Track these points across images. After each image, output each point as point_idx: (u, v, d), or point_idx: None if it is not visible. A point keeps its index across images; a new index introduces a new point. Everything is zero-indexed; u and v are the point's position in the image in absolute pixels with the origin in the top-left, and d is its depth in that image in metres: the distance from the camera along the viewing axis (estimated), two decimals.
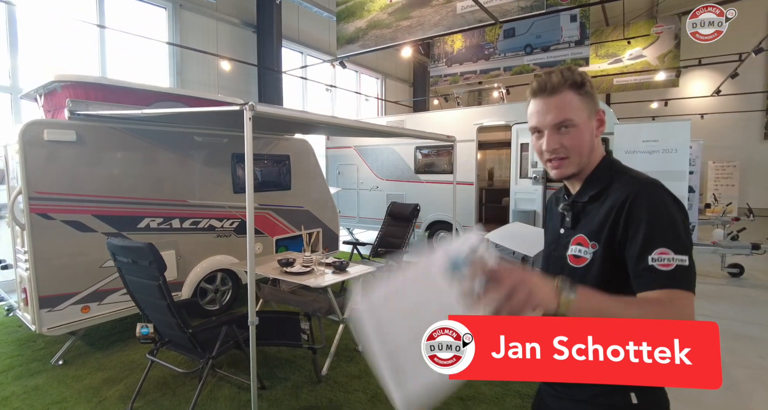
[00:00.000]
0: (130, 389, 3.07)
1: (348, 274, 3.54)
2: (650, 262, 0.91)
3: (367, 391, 3.05)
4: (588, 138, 1.08)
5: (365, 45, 8.03)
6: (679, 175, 5.30)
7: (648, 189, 0.99)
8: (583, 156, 1.09)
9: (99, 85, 3.86)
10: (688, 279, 0.90)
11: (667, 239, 0.92)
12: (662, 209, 0.95)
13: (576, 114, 1.06)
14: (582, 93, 1.06)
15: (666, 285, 0.90)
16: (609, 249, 1.01)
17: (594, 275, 1.04)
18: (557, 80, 1.05)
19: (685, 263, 0.90)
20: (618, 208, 0.99)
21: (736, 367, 3.47)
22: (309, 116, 2.48)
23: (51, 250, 3.37)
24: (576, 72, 1.07)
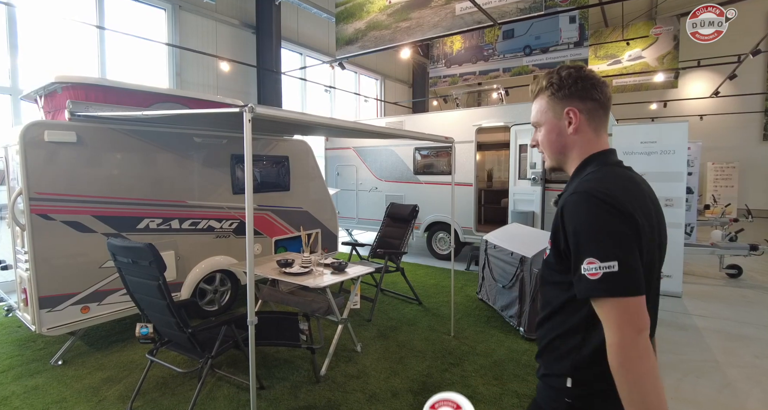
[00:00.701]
0: (129, 389, 3.08)
1: (347, 275, 3.55)
2: (582, 271, 0.97)
3: (365, 391, 3.07)
4: (556, 137, 1.17)
5: (364, 46, 8.05)
6: (676, 176, 5.31)
7: (575, 198, 1.02)
8: (555, 153, 1.20)
9: (99, 87, 3.87)
10: (617, 282, 0.93)
11: (592, 249, 0.96)
12: (583, 219, 0.99)
13: (543, 116, 1.19)
14: (548, 95, 1.16)
15: (594, 294, 0.96)
16: (556, 249, 1.09)
17: (550, 270, 1.14)
18: (533, 87, 1.21)
19: (613, 269, 0.93)
20: (556, 216, 1.08)
21: (732, 367, 3.49)
22: (308, 117, 2.50)
23: (51, 250, 3.38)
24: (546, 77, 1.17)
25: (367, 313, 4.58)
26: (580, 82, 1.12)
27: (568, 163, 1.19)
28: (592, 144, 1.15)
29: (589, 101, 1.12)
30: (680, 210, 5.35)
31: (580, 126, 1.13)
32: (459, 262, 6.97)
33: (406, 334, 4.12)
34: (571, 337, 1.09)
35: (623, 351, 0.92)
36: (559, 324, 1.12)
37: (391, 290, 5.50)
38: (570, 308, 1.09)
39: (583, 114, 1.13)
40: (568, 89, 1.13)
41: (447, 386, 3.15)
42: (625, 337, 0.92)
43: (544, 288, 1.20)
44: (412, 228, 5.44)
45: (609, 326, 0.94)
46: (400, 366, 3.47)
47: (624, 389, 0.92)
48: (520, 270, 4.11)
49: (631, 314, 0.93)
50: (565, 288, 1.08)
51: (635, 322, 0.92)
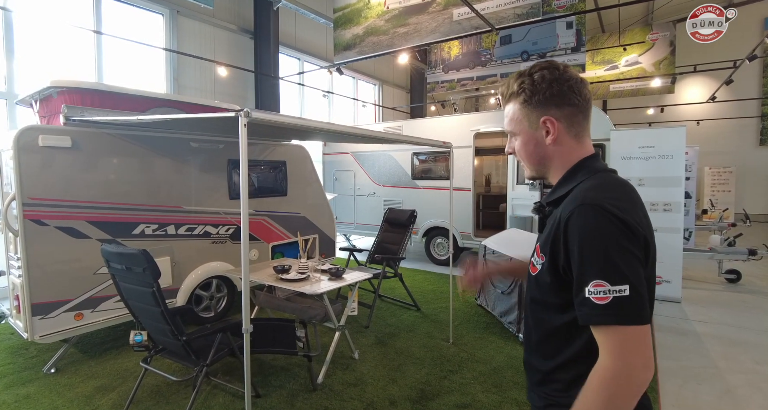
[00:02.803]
0: (123, 397, 3.03)
1: (344, 281, 3.51)
2: (587, 294, 0.86)
3: (363, 399, 3.02)
4: (533, 148, 1.07)
5: (362, 51, 8.06)
6: (675, 181, 5.31)
7: (582, 210, 0.91)
8: (534, 164, 1.10)
9: (95, 91, 3.85)
10: (627, 309, 0.84)
11: (601, 270, 0.85)
12: (594, 235, 0.87)
13: (516, 125, 1.09)
14: (521, 102, 1.05)
15: (602, 321, 0.86)
16: (552, 265, 0.97)
17: (541, 286, 1.02)
18: (503, 90, 1.10)
19: (623, 294, 0.84)
20: (556, 227, 0.95)
21: (732, 373, 3.46)
22: (304, 122, 2.47)
23: (44, 256, 3.34)
24: (518, 81, 1.05)
25: (364, 319, 4.54)
26: (556, 86, 1.00)
27: (549, 173, 1.10)
28: (575, 152, 1.05)
29: (566, 107, 1.01)
30: (679, 215, 5.34)
31: (559, 136, 1.03)
32: (457, 267, 6.93)
33: (405, 341, 4.08)
34: (575, 366, 0.98)
35: (621, 381, 0.83)
36: (555, 351, 1.02)
37: (389, 296, 5.46)
38: (568, 332, 0.98)
39: (561, 122, 1.02)
40: (542, 95, 1.01)
41: (446, 394, 3.11)
42: (630, 367, 0.83)
43: (534, 307, 1.06)
44: (410, 233, 5.41)
45: (613, 354, 0.84)
46: (398, 373, 3.43)
47: (591, 406, 0.85)
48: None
49: (639, 344, 0.84)
50: (561, 309, 0.98)
51: (643, 354, 0.84)
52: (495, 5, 6.93)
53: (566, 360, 1.00)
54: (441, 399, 3.04)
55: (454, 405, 2.96)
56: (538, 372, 1.08)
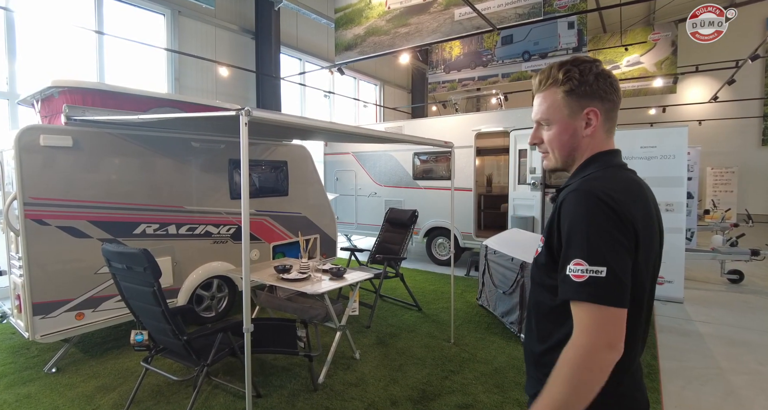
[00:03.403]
0: (123, 397, 3.03)
1: (345, 281, 3.51)
2: (567, 272, 0.92)
3: (364, 399, 3.01)
4: (568, 138, 1.07)
5: (363, 51, 8.06)
6: (677, 181, 5.29)
7: (575, 195, 0.96)
8: (563, 154, 1.10)
9: (96, 91, 3.85)
10: (603, 291, 0.87)
11: (582, 250, 0.90)
12: (580, 218, 0.93)
13: (554, 113, 1.07)
14: (565, 91, 1.04)
15: (575, 297, 0.90)
16: (548, 247, 1.03)
17: (539, 267, 1.08)
18: (542, 78, 1.08)
19: (600, 275, 0.88)
20: (554, 210, 1.02)
21: (735, 373, 3.44)
22: (305, 121, 2.47)
23: (45, 256, 3.34)
24: (563, 68, 1.04)
25: (365, 320, 4.53)
26: (602, 80, 1.02)
27: (575, 164, 1.11)
28: (603, 146, 1.08)
29: (607, 102, 1.04)
30: (681, 215, 5.32)
31: (597, 128, 1.05)
32: (458, 268, 6.92)
33: (406, 341, 4.07)
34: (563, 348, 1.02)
35: (584, 357, 0.87)
36: (549, 333, 1.05)
37: (390, 296, 5.45)
38: (560, 314, 1.01)
39: (601, 115, 1.04)
40: (589, 86, 1.02)
41: (447, 394, 3.10)
42: (593, 346, 0.87)
43: (534, 290, 1.13)
44: (411, 233, 5.40)
45: (581, 330, 0.89)
46: (399, 373, 3.42)
47: (556, 386, 0.89)
48: (520, 276, 4.07)
49: (608, 324, 0.87)
50: (554, 291, 1.01)
51: (609, 334, 0.87)
52: (496, 5, 6.92)
53: (557, 342, 1.02)
54: (442, 399, 3.03)
55: (455, 405, 2.95)
56: (532, 355, 1.12)
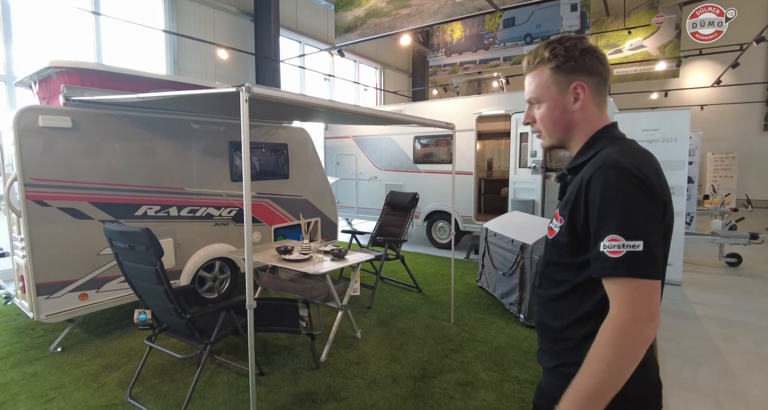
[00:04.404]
0: (128, 375, 3.07)
1: (346, 261, 3.53)
2: (602, 248, 0.91)
3: (365, 377, 3.06)
4: (559, 114, 1.09)
5: (364, 34, 7.96)
6: (678, 164, 5.28)
7: (603, 170, 0.94)
8: (555, 132, 1.12)
9: (94, 72, 3.81)
10: (641, 265, 0.88)
11: (618, 225, 0.89)
12: (613, 193, 0.91)
13: (543, 91, 1.09)
14: (552, 68, 1.07)
15: (613, 273, 0.90)
16: (571, 226, 1.01)
17: (558, 247, 1.07)
18: (530, 58, 1.11)
19: (637, 249, 0.87)
20: (578, 187, 0.99)
21: (732, 354, 3.49)
22: (306, 99, 2.45)
23: (48, 237, 3.35)
24: (549, 46, 1.07)
25: (366, 300, 4.57)
26: (587, 55, 1.04)
27: (571, 141, 1.12)
28: (597, 120, 1.09)
29: (595, 76, 1.06)
30: (681, 199, 5.32)
31: (586, 102, 1.06)
32: (458, 251, 6.95)
33: (406, 321, 4.12)
34: (587, 323, 1.02)
35: (627, 332, 0.87)
36: (569, 310, 1.06)
37: (390, 278, 5.49)
38: (582, 291, 1.02)
39: (590, 89, 1.06)
40: (575, 62, 1.04)
41: (447, 372, 3.15)
42: (636, 320, 0.87)
43: (550, 270, 1.12)
44: (411, 216, 5.41)
45: (622, 306, 0.89)
46: (400, 352, 3.47)
47: (599, 364, 0.88)
48: (520, 257, 4.09)
49: (648, 298, 0.88)
50: (577, 270, 1.02)
51: (649, 307, 0.87)
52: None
53: (578, 318, 1.04)
54: (443, 376, 3.08)
55: (455, 382, 2.99)
56: (550, 330, 1.12)
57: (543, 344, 1.16)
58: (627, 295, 0.89)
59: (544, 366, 1.16)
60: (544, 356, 1.15)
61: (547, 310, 1.13)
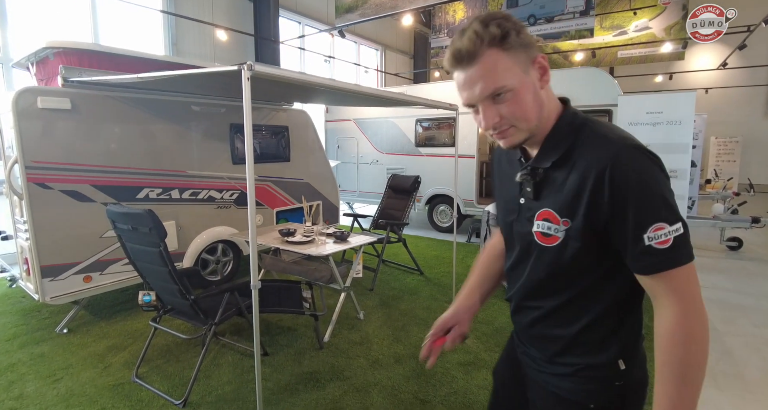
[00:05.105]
0: (134, 355, 3.11)
1: (349, 244, 3.54)
2: (647, 242, 0.82)
3: (368, 357, 3.10)
4: (532, 97, 0.89)
5: (365, 14, 7.83)
6: (682, 147, 5.24)
7: (629, 155, 0.83)
8: (532, 119, 0.91)
9: (92, 52, 3.76)
10: (686, 247, 0.83)
11: (661, 213, 0.82)
12: (650, 179, 0.82)
13: (508, 76, 0.86)
14: (507, 47, 0.85)
15: (670, 265, 0.82)
16: (589, 226, 0.88)
17: (571, 254, 0.92)
18: (471, 44, 0.85)
19: (680, 232, 0.82)
20: (595, 178, 0.85)
21: (731, 336, 3.52)
22: (309, 78, 2.41)
23: (50, 220, 3.35)
24: (492, 22, 0.85)
25: (369, 283, 4.60)
26: (522, 28, 0.88)
27: (538, 127, 0.94)
28: (552, 96, 0.96)
29: (538, 48, 0.93)
30: (684, 182, 5.30)
31: (547, 78, 0.91)
32: (460, 234, 6.97)
33: (408, 303, 4.15)
34: (606, 320, 0.95)
35: (696, 322, 0.81)
36: (578, 314, 0.97)
37: (392, 261, 5.52)
38: (595, 290, 0.95)
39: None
40: (524, 35, 0.87)
41: (449, 353, 3.18)
42: (698, 304, 0.82)
43: (553, 281, 0.99)
44: (413, 199, 5.41)
45: (678, 296, 0.82)
46: (402, 333, 3.50)
47: (679, 361, 0.82)
48: None
49: (697, 280, 0.83)
50: (592, 269, 0.93)
51: (699, 290, 0.83)
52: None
53: (593, 319, 0.97)
54: (444, 356, 3.11)
55: (457, 362, 3.03)
56: (558, 341, 1.02)
57: (547, 357, 1.06)
58: (684, 283, 0.83)
59: (548, 371, 1.06)
60: (549, 367, 1.05)
61: (548, 321, 1.03)
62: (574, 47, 12.31)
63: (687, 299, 0.82)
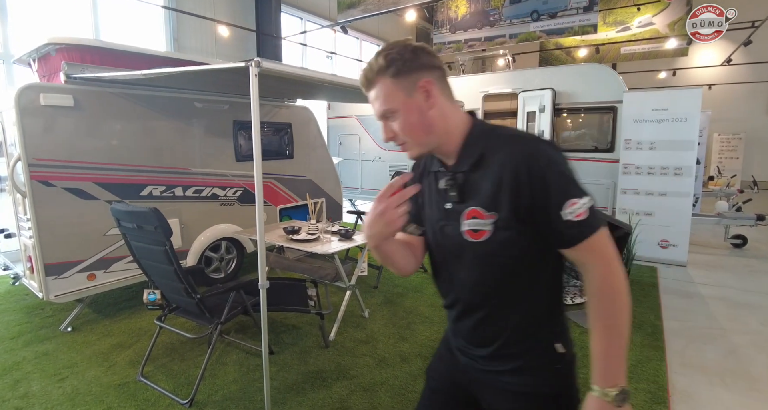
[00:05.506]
0: (139, 354, 3.10)
1: (354, 242, 3.52)
2: (566, 217, 0.93)
3: (374, 355, 3.09)
4: (417, 117, 1.02)
5: (367, 9, 7.77)
6: (687, 144, 5.20)
7: (540, 148, 0.96)
8: (421, 136, 1.04)
9: (95, 48, 3.72)
10: (597, 215, 0.95)
11: (572, 190, 0.94)
12: (559, 165, 0.95)
13: (393, 101, 1.02)
14: (392, 74, 1.00)
15: (588, 233, 0.94)
16: (514, 214, 0.97)
17: (500, 243, 1.01)
18: (367, 73, 1.03)
19: (590, 203, 0.94)
20: (512, 171, 0.95)
21: (737, 334, 3.50)
22: (318, 75, 2.39)
23: (54, 217, 3.33)
24: (381, 54, 1.01)
25: (373, 281, 4.59)
26: (419, 53, 1.01)
27: (436, 142, 1.06)
28: (455, 113, 1.06)
29: (434, 70, 1.03)
30: (689, 179, 5.26)
31: (436, 98, 1.03)
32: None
33: (413, 301, 4.13)
34: (540, 307, 1.05)
35: (616, 278, 0.94)
36: (516, 304, 1.05)
37: None
38: (528, 278, 1.03)
39: (436, 83, 1.03)
40: (412, 62, 1.01)
41: None
42: (617, 264, 0.95)
43: (484, 274, 1.05)
44: None
45: (599, 258, 0.95)
46: (407, 331, 3.49)
47: (608, 313, 0.94)
48: None
49: (611, 242, 0.95)
50: (520, 257, 1.01)
51: (615, 248, 0.95)
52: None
53: (529, 307, 1.06)
54: None
55: None
56: (501, 334, 1.08)
57: (489, 351, 1.11)
58: (603, 246, 0.95)
59: (495, 369, 1.11)
60: (491, 361, 1.11)
61: (493, 316, 1.09)
62: (577, 43, 12.24)
63: (607, 259, 0.95)
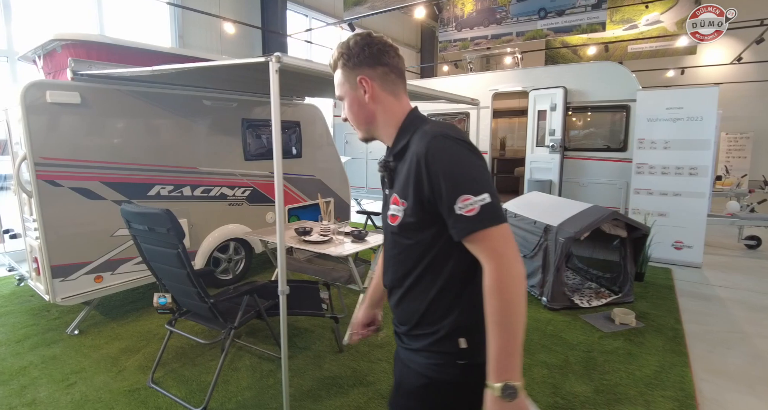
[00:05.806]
0: (148, 359, 3.02)
1: (368, 243, 3.42)
2: (458, 211, 0.95)
3: (390, 360, 3.00)
4: (357, 108, 1.14)
5: (374, 6, 7.68)
6: (703, 144, 5.10)
7: (436, 142, 0.99)
8: (362, 124, 1.16)
9: (101, 45, 3.64)
10: (494, 214, 0.95)
11: (465, 186, 0.95)
12: (453, 159, 0.98)
13: (341, 89, 1.16)
14: (342, 66, 1.13)
15: (477, 227, 0.95)
16: (419, 204, 1.03)
17: (406, 229, 1.08)
18: (330, 61, 1.18)
19: (486, 201, 0.94)
20: (416, 164, 1.01)
21: (761, 338, 3.41)
22: None
23: (60, 218, 3.25)
24: (338, 47, 1.13)
25: None
26: (367, 49, 1.09)
27: (378, 131, 1.16)
28: (397, 108, 1.14)
29: (379, 67, 1.11)
30: (705, 179, 5.15)
31: (375, 93, 1.12)
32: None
33: None
34: (446, 295, 1.08)
35: (507, 274, 0.94)
36: (426, 288, 1.09)
37: None
38: (437, 265, 1.07)
39: (375, 81, 1.11)
40: (357, 58, 1.10)
41: None
42: (509, 260, 0.95)
43: (402, 256, 1.12)
44: None
45: (490, 254, 0.96)
46: None
47: (496, 310, 0.95)
48: (543, 239, 3.98)
49: (509, 238, 0.96)
50: (429, 244, 1.06)
51: (513, 246, 0.96)
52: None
53: (437, 293, 1.08)
54: None
55: None
56: (415, 314, 1.12)
57: (406, 330, 1.17)
58: (493, 242, 0.96)
59: (411, 348, 1.16)
60: (407, 341, 1.17)
61: (409, 295, 1.14)
62: (583, 42, 12.12)
63: (497, 256, 0.95)
